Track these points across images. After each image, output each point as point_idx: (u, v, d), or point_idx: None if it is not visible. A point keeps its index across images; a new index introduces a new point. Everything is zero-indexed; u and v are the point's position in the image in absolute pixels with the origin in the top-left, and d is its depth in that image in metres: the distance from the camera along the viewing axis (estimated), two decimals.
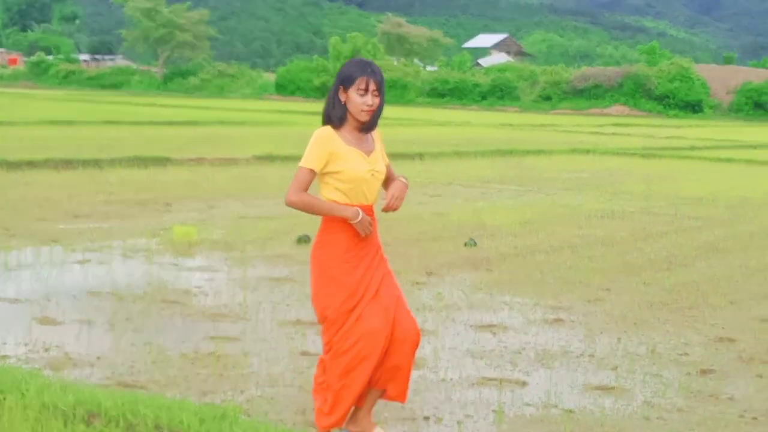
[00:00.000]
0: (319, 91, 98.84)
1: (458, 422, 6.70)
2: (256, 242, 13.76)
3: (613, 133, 51.30)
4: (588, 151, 36.29)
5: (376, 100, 5.72)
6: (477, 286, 11.42)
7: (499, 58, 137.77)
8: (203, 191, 19.53)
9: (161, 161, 24.51)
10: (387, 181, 6.02)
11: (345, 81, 5.72)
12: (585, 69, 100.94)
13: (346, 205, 5.73)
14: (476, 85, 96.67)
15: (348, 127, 5.78)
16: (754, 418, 7.13)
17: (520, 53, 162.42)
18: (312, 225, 15.23)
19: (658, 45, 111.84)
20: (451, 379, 7.70)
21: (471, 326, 9.46)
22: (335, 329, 5.81)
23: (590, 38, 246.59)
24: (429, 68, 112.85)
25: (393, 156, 26.59)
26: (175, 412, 5.78)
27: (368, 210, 5.83)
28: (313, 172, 5.72)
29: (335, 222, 5.77)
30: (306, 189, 5.73)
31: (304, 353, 8.22)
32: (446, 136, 40.96)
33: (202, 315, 9.48)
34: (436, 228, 15.40)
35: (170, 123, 42.17)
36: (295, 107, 68.76)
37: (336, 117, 5.76)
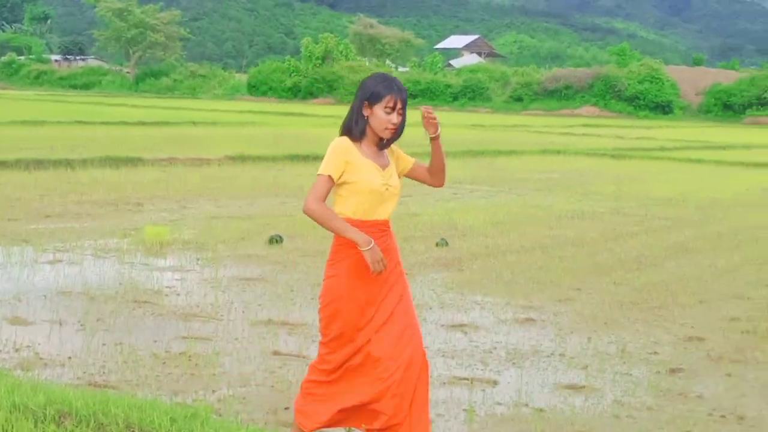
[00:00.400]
0: (290, 92, 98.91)
1: (432, 421, 6.70)
2: (228, 242, 13.73)
3: (584, 134, 51.48)
4: (559, 152, 36.40)
5: (400, 118, 5.68)
6: (448, 286, 11.43)
7: (470, 59, 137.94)
8: (175, 191, 19.46)
9: (133, 161, 24.42)
10: (430, 168, 5.93)
11: (371, 97, 5.64)
12: (556, 70, 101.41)
13: (362, 226, 5.60)
14: (448, 86, 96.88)
15: (366, 141, 5.71)
16: (723, 417, 7.17)
17: (491, 54, 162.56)
18: (283, 226, 15.23)
19: (628, 46, 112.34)
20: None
21: (442, 326, 9.47)
22: (336, 346, 5.68)
23: (561, 39, 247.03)
24: (401, 69, 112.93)
25: None
26: (147, 412, 5.76)
27: (383, 225, 5.72)
28: (331, 180, 5.61)
29: (343, 240, 5.63)
30: (325, 198, 5.62)
31: (276, 353, 8.21)
32: (417, 137, 40.88)
33: (174, 315, 9.45)
34: (407, 228, 15.40)
35: (142, 123, 41.99)
36: (266, 108, 68.60)
37: (358, 131, 5.70)
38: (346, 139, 5.71)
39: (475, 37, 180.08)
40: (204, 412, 5.89)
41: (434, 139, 5.79)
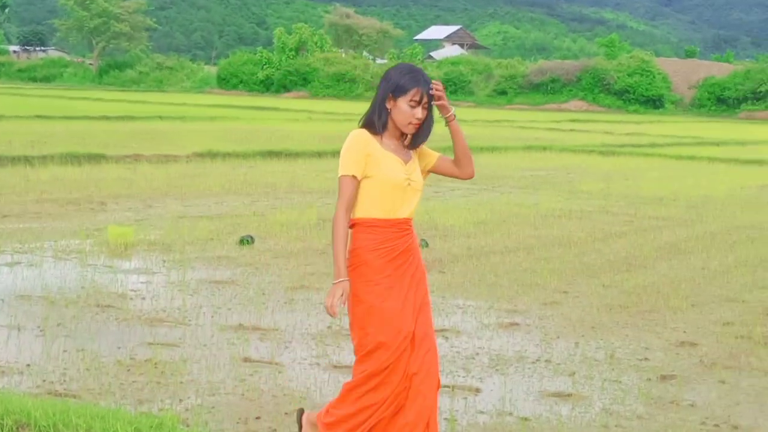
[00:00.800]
0: (262, 85, 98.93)
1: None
2: (196, 243, 13.71)
3: (571, 130, 51.62)
4: (545, 148, 36.48)
5: (425, 113, 5.63)
6: (429, 289, 11.41)
7: (452, 51, 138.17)
8: (140, 190, 19.42)
9: (96, 158, 24.35)
10: (455, 159, 5.89)
11: (396, 90, 5.58)
12: (542, 62, 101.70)
13: (385, 226, 5.60)
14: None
15: (388, 134, 5.66)
16: (716, 426, 7.19)
17: (473, 46, 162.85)
18: (254, 226, 15.21)
19: (617, 38, 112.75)
20: None
21: None
22: (378, 365, 5.57)
23: (547, 30, 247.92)
24: (379, 61, 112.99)
25: (340, 153, 26.54)
26: (110, 422, 5.74)
27: (404, 224, 5.68)
28: (355, 179, 5.56)
29: (366, 242, 5.61)
30: (354, 201, 5.59)
31: (247, 359, 8.20)
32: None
33: (139, 320, 9.42)
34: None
35: (105, 118, 41.91)
36: (237, 101, 68.62)
37: (380, 124, 5.63)
38: (364, 132, 5.64)
39: (457, 27, 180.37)
40: (170, 422, 5.88)
41: (450, 121, 5.74)
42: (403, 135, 5.68)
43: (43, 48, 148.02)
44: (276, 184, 21.51)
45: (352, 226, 5.69)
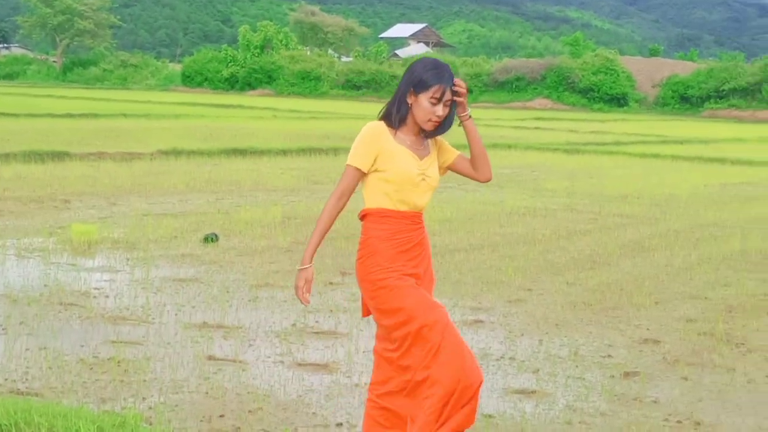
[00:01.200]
0: (227, 83, 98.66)
1: None
2: (160, 241, 13.66)
3: (536, 128, 51.73)
4: (509, 146, 36.51)
5: (446, 110, 5.51)
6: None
7: (417, 49, 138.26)
8: (104, 187, 19.33)
9: (59, 156, 24.23)
10: (471, 160, 5.79)
11: (418, 86, 5.46)
12: (507, 61, 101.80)
13: (396, 217, 5.58)
14: (393, 76, 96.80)
15: (405, 129, 5.57)
16: (679, 422, 7.22)
17: (439, 44, 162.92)
18: (218, 224, 15.17)
19: (582, 36, 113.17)
20: (366, 384, 7.69)
21: None
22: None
23: (512, 29, 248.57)
24: (344, 59, 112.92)
25: (305, 152, 26.28)
26: (72, 421, 5.71)
27: (416, 217, 5.62)
28: (359, 172, 5.53)
29: (379, 231, 5.59)
30: (350, 192, 5.58)
31: (211, 358, 8.17)
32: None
33: (102, 318, 9.38)
34: (350, 226, 15.37)
35: (69, 115, 41.67)
36: (202, 99, 68.35)
37: (398, 118, 5.53)
38: (380, 124, 5.58)
39: (422, 25, 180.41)
40: (133, 421, 5.86)
41: (465, 121, 5.66)
42: (422, 130, 5.59)
43: (6, 45, 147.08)
44: (240, 181, 21.47)
45: (363, 217, 5.70)
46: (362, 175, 5.56)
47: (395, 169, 5.50)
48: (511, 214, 18.15)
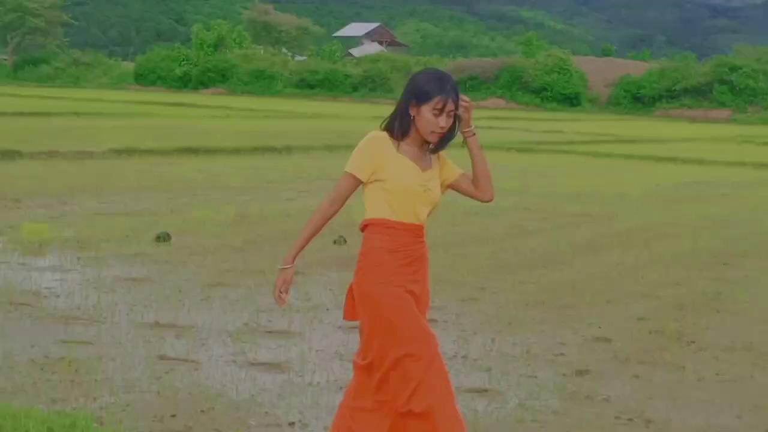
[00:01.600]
0: (180, 81, 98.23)
1: (325, 428, 6.69)
2: (112, 240, 13.59)
3: (489, 127, 51.68)
4: (463, 146, 36.58)
5: (450, 121, 5.46)
6: (346, 286, 11.39)
7: (371, 48, 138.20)
8: (55, 186, 19.20)
9: (10, 154, 24.05)
10: (473, 178, 5.82)
11: (420, 97, 5.38)
12: (460, 60, 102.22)
13: (398, 228, 5.50)
14: (347, 76, 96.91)
15: (409, 140, 5.48)
16: (630, 420, 7.27)
17: (393, 43, 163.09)
18: (171, 223, 15.11)
19: (535, 36, 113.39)
20: (318, 383, 7.70)
21: (340, 327, 9.46)
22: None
23: (466, 28, 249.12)
24: (297, 58, 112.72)
25: (259, 151, 26.19)
26: (22, 421, 5.68)
27: (418, 229, 5.56)
28: (356, 180, 5.46)
29: (383, 242, 5.50)
30: (343, 199, 5.53)
31: (163, 357, 8.14)
32: (316, 130, 40.94)
33: (53, 318, 9.33)
34: (303, 225, 15.38)
35: (20, 114, 41.36)
36: (155, 98, 67.96)
37: (400, 131, 5.44)
38: (382, 134, 5.48)
39: (376, 25, 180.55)
40: (84, 421, 5.84)
41: (469, 137, 5.62)
42: (425, 142, 5.52)
43: None
44: (194, 180, 21.40)
45: (364, 228, 5.61)
46: (359, 183, 5.49)
47: (395, 179, 5.42)
48: (463, 213, 18.15)
